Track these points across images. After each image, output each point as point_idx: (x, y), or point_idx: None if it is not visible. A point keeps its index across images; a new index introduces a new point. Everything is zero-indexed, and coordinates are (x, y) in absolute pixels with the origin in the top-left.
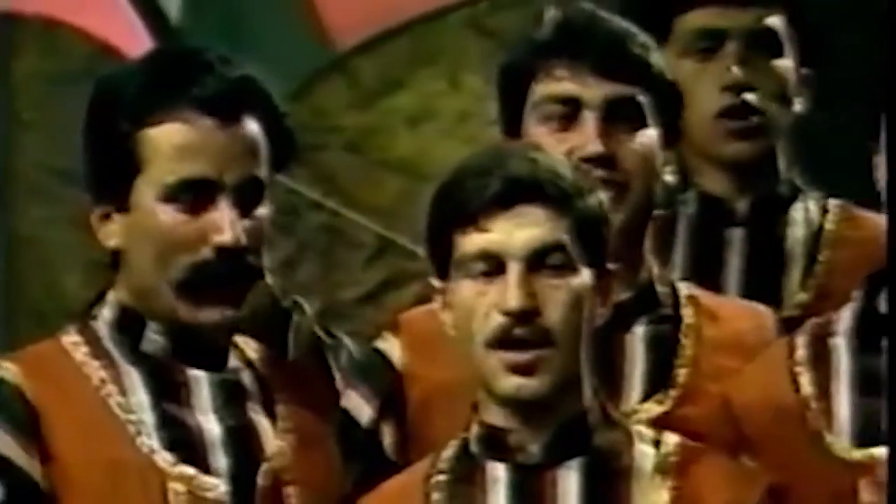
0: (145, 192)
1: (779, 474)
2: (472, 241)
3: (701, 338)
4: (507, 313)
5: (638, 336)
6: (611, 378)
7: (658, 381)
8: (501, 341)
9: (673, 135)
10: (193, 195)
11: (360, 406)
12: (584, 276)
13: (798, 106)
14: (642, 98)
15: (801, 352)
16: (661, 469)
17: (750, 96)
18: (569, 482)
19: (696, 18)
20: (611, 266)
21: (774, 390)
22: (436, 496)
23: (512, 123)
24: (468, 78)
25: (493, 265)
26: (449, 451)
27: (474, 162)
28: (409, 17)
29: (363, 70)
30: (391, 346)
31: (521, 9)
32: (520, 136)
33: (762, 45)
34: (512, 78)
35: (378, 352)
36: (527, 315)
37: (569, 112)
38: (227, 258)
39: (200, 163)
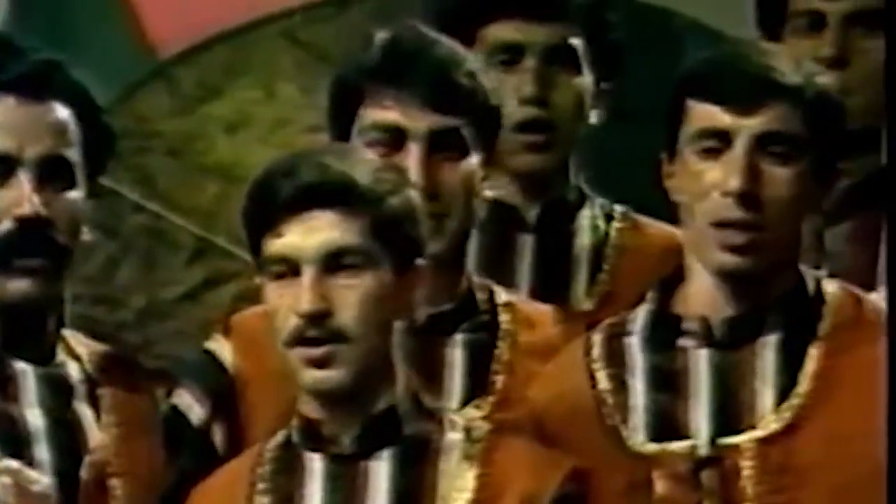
0: None
1: (569, 458)
2: (271, 245)
3: (517, 343)
4: (300, 315)
5: (457, 343)
6: (433, 384)
7: (476, 386)
8: (296, 341)
9: (491, 155)
10: None
11: (191, 405)
12: (383, 274)
13: (594, 119)
14: (466, 128)
15: (597, 349)
16: (469, 456)
17: (545, 112)
18: (379, 472)
19: (498, 31)
20: (420, 262)
21: (572, 387)
22: (260, 486)
23: (340, 140)
24: (283, 87)
25: (290, 268)
26: (273, 442)
27: (272, 168)
28: (227, 28)
29: (183, 78)
30: (222, 348)
31: (334, 22)
32: None
33: (560, 60)
34: (340, 98)
35: (209, 353)
36: (318, 316)
37: (393, 140)
38: (28, 230)
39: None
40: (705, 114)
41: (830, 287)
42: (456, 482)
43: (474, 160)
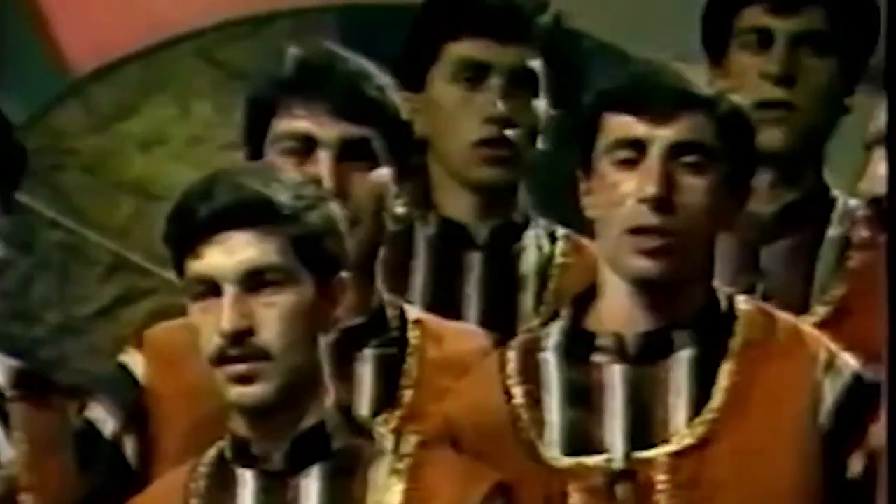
0: None
1: (494, 472)
2: (192, 266)
3: (425, 359)
4: (221, 335)
5: (367, 357)
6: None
7: (385, 400)
8: (220, 359)
9: (405, 169)
10: None
11: (104, 419)
12: (304, 290)
13: (541, 143)
14: (376, 139)
15: (512, 365)
16: (396, 470)
17: (509, 132)
18: (309, 488)
19: (463, 48)
20: (344, 274)
21: (487, 402)
22: (193, 501)
23: (255, 155)
24: (198, 105)
25: (211, 288)
26: (207, 457)
27: (190, 190)
28: (141, 46)
29: (98, 95)
30: (134, 361)
31: (248, 41)
32: None
33: (523, 83)
34: (254, 112)
35: (122, 366)
36: (240, 335)
37: (305, 149)
38: None
39: None
40: (620, 124)
41: (743, 304)
42: (384, 496)
43: (385, 172)
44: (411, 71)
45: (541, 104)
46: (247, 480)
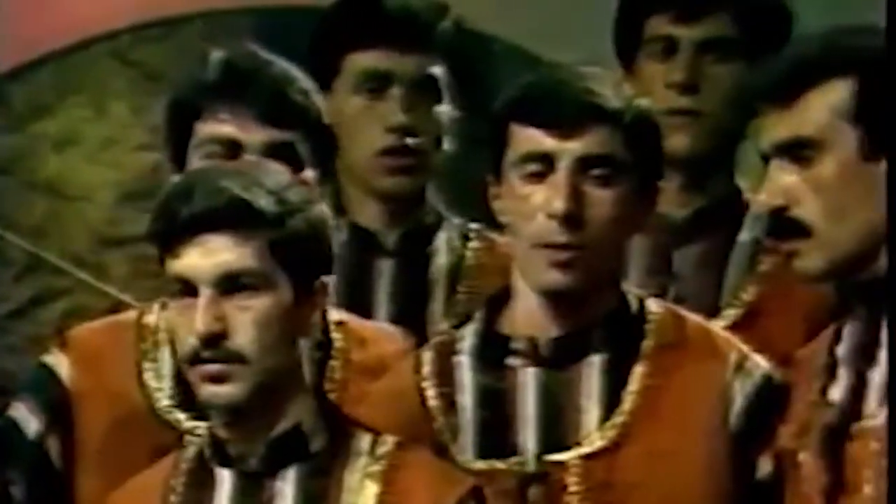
0: None
1: (469, 476)
2: (171, 266)
3: (349, 362)
4: (195, 336)
5: None
6: None
7: None
8: (193, 360)
9: (326, 172)
10: None
11: (27, 418)
12: (282, 294)
13: (447, 145)
14: (300, 142)
15: (426, 368)
16: (371, 474)
17: (410, 140)
18: (285, 489)
19: (363, 59)
20: (325, 279)
21: (403, 405)
22: (172, 497)
23: (177, 158)
24: (113, 106)
25: (188, 289)
26: (188, 454)
27: (172, 190)
28: (57, 47)
29: (13, 95)
30: (59, 362)
31: (163, 42)
32: (184, 169)
33: (425, 90)
34: (177, 115)
35: (46, 366)
36: (212, 339)
37: (229, 154)
38: None
39: None
40: (528, 138)
41: (654, 306)
42: (358, 499)
43: (308, 175)
44: (315, 81)
45: (444, 109)
46: (224, 480)
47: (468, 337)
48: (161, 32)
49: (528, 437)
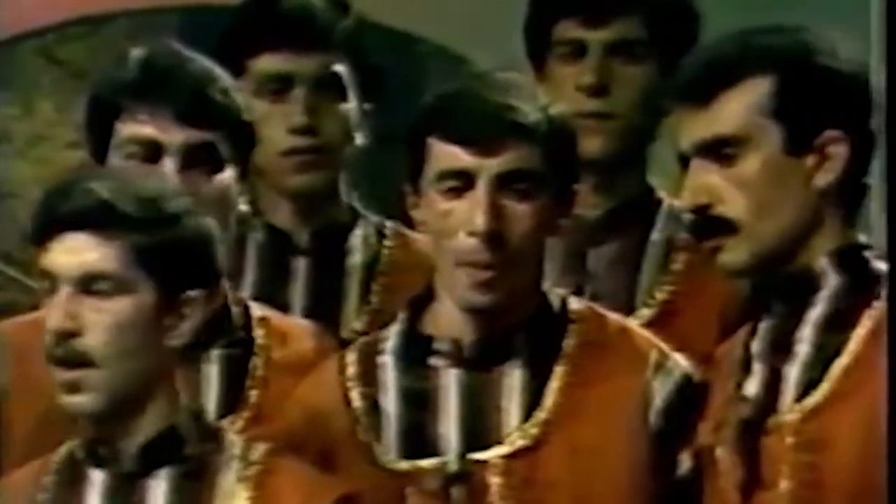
0: None
1: (340, 483)
2: (39, 261)
3: (271, 359)
4: (49, 332)
5: (213, 358)
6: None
7: (232, 402)
8: (48, 358)
9: (245, 170)
10: None
11: None
12: (143, 299)
13: (359, 140)
14: (220, 142)
15: (351, 368)
16: (243, 478)
17: (314, 140)
18: (157, 490)
19: (266, 62)
20: (193, 293)
21: (327, 405)
22: (41, 496)
23: (99, 156)
24: (40, 103)
25: (53, 286)
26: (59, 454)
27: (50, 188)
28: None
29: None
30: None
31: (88, 40)
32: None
33: (327, 88)
34: (96, 113)
35: None
36: (64, 336)
37: (150, 155)
38: None
39: None
40: (447, 154)
41: (575, 305)
42: (231, 503)
43: (229, 174)
44: None
45: (350, 106)
46: (96, 479)
47: (392, 337)
48: (85, 30)
49: (451, 437)
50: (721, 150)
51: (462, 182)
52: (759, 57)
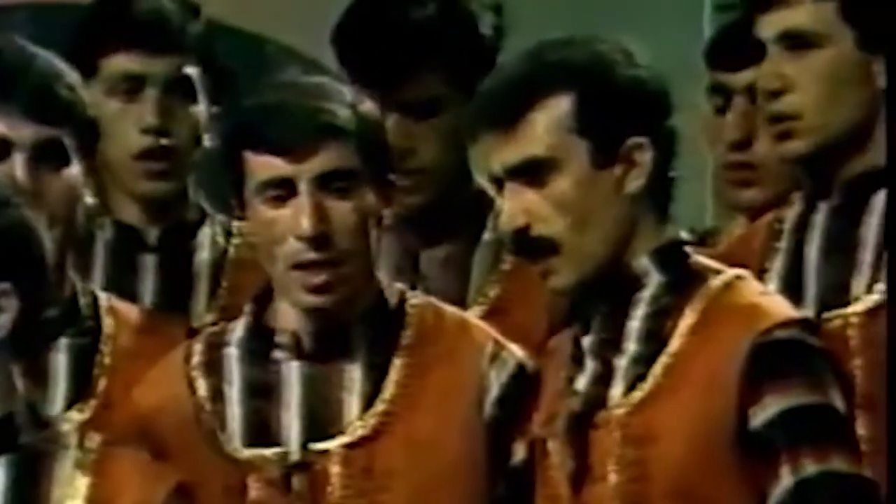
0: None
1: (183, 472)
2: None
3: (119, 347)
4: None
5: (61, 348)
6: (39, 390)
7: (80, 390)
8: None
9: (93, 167)
10: None
11: None
12: None
13: (208, 142)
14: (67, 137)
15: (196, 358)
16: (81, 466)
17: (165, 141)
18: None
19: (119, 62)
20: (4, 285)
21: (173, 393)
22: None
23: None
24: None
25: None
26: None
27: None
28: None
29: None
30: None
31: None
32: None
33: (179, 90)
34: None
35: None
36: None
37: None
38: None
39: None
40: (264, 165)
41: (413, 299)
42: (68, 490)
43: (76, 170)
44: None
45: (200, 108)
46: None
47: (237, 330)
48: None
49: (293, 427)
50: (532, 172)
51: (284, 190)
52: (557, 74)
